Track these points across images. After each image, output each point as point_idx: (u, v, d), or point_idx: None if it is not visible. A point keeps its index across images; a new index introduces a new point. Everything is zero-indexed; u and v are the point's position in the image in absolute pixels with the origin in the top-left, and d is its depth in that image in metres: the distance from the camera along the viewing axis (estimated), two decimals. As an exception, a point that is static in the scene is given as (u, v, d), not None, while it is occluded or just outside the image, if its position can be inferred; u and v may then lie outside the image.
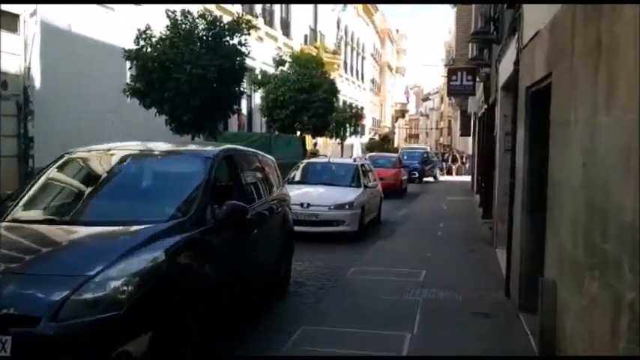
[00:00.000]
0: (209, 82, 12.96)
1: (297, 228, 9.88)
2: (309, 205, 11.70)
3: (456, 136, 59.70)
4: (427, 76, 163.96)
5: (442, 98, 79.00)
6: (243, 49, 13.98)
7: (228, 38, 13.63)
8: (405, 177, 24.24)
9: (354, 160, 14.59)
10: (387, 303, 7.14)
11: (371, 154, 26.96)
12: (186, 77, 12.58)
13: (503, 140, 10.57)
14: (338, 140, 29.58)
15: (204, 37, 13.27)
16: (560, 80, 4.75)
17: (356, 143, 40.22)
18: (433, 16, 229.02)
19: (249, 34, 14.20)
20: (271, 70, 22.36)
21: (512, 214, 7.47)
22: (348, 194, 12.39)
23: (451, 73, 14.12)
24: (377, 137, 51.37)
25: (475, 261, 9.92)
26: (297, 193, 11.81)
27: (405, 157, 30.43)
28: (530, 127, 6.59)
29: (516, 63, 7.35)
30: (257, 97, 23.98)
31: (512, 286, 7.34)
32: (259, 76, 21.99)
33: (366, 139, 46.77)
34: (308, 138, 26.56)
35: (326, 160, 14.98)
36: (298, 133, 21.99)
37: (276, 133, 21.20)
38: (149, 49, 12.95)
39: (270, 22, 27.45)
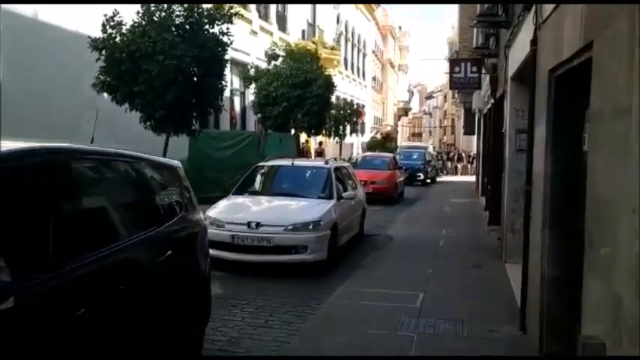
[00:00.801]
0: (185, 74, 11.54)
1: (242, 257, 8.52)
2: (258, 224, 8.65)
3: (459, 135, 58.16)
4: (430, 74, 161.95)
5: (446, 96, 77.47)
6: (225, 39, 12.56)
7: (208, 27, 12.21)
8: (402, 179, 21.57)
9: (326, 163, 11.03)
10: (376, 340, 5.70)
11: (363, 154, 24.85)
12: (158, 69, 11.16)
13: (515, 139, 9.12)
14: (336, 139, 28.07)
15: (181, 25, 11.83)
16: (611, 50, 3.29)
17: (356, 142, 38.77)
18: (437, 12, 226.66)
19: (231, 22, 12.76)
20: (264, 66, 20.91)
21: (529, 229, 6.01)
22: (313, 209, 9.23)
23: (454, 64, 12.64)
24: (379, 136, 49.88)
25: (482, 280, 8.47)
26: (245, 207, 9.68)
27: (402, 157, 28.12)
28: (555, 121, 5.13)
29: (534, 42, 5.89)
30: (251, 94, 22.54)
31: (529, 320, 5.89)
32: (252, 71, 20.55)
33: (367, 137, 45.31)
34: (305, 137, 25.24)
35: (289, 162, 11.37)
36: (292, 131, 20.51)
37: (269, 131, 19.76)
38: (118, 38, 11.52)
39: (265, 16, 26.03)
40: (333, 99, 32.15)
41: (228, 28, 12.59)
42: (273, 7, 26.92)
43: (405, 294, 7.43)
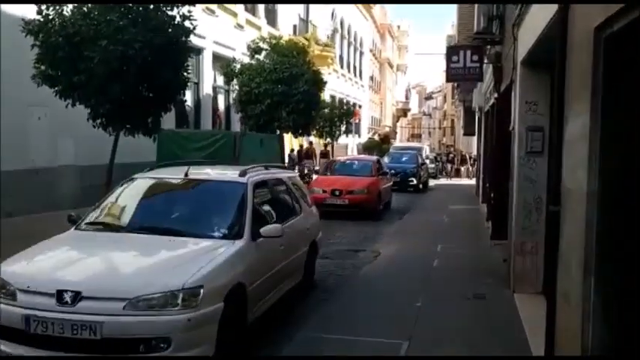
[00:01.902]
0: (136, 63, 9.67)
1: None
2: (77, 295, 4.47)
3: (459, 136, 56.26)
4: (430, 74, 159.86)
5: (445, 97, 75.61)
6: (187, 23, 10.70)
7: (165, 9, 10.35)
8: (388, 185, 17.58)
9: (243, 175, 6.34)
10: None
11: (340, 158, 21.07)
12: (100, 56, 9.30)
13: (526, 138, 7.24)
14: (328, 140, 26.19)
15: (131, 6, 9.95)
16: None
17: (352, 144, 36.90)
18: (437, 12, 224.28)
19: (192, 3, 10.95)
20: (248, 60, 19.02)
21: (557, 270, 4.11)
22: (191, 263, 4.95)
23: (451, 52, 10.71)
24: (377, 137, 47.99)
25: (486, 318, 6.60)
26: (73, 257, 5.43)
27: (392, 160, 25.28)
28: (605, 107, 3.24)
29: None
30: (234, 92, 20.64)
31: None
32: (237, 66, 18.67)
33: (365, 138, 43.44)
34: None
35: (179, 174, 6.65)
36: (279, 131, 18.59)
37: (246, 131, 17.89)
38: (57, 20, 9.66)
39: (252, 10, 24.16)
40: (327, 97, 30.44)
41: (190, 11, 10.74)
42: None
43: (384, 343, 5.55)
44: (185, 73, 11.14)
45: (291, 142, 27.67)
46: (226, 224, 5.78)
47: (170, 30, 10.30)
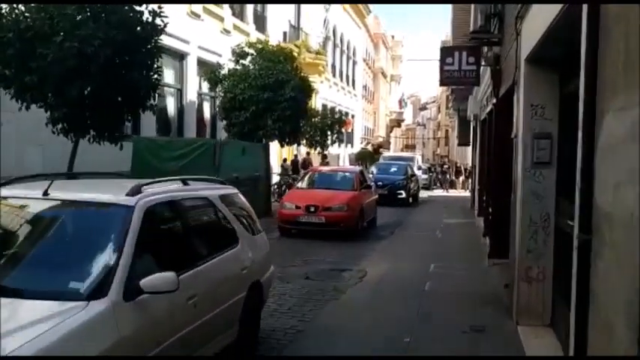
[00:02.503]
0: (98, 62, 8.65)
1: None
2: None
3: (454, 146, 55.42)
4: (424, 85, 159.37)
5: (439, 107, 74.90)
6: (158, 20, 9.72)
7: (133, 5, 9.37)
8: (372, 199, 15.50)
9: (133, 194, 4.18)
10: None
11: (320, 167, 19.22)
12: (55, 53, 8.30)
13: (531, 147, 6.25)
14: (318, 150, 25.17)
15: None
16: None
17: (343, 154, 35.91)
18: (431, 22, 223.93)
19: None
20: (232, 65, 18.03)
21: (588, 324, 3.08)
22: None
23: (446, 54, 9.70)
24: (370, 147, 47.04)
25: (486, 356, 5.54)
26: None
27: (379, 171, 23.94)
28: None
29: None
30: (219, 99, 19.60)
31: None
32: (222, 71, 17.68)
33: (358, 148, 42.47)
34: (290, 148, 22.27)
35: (36, 193, 4.25)
36: (264, 140, 17.56)
37: (233, 139, 16.88)
38: (8, 16, 8.66)
39: (240, 15, 23.19)
40: (319, 106, 29.48)
41: (160, 7, 9.75)
42: (250, 5, 24.11)
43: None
44: (156, 75, 10.16)
45: (281, 152, 26.67)
46: (84, 275, 3.62)
47: (139, 28, 9.36)
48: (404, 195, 22.13)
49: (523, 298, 6.34)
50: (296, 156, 26.64)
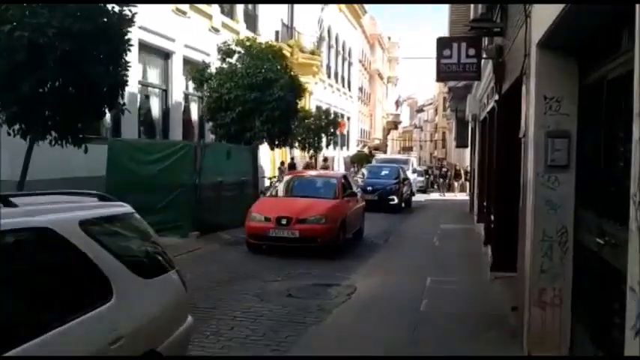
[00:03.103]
0: (54, 55, 7.67)
1: None
2: None
3: (451, 149, 54.46)
4: (421, 86, 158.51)
5: (436, 109, 74.02)
6: (126, 11, 8.77)
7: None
8: (358, 207, 13.29)
9: None
10: None
11: (298, 172, 18.08)
12: (3, 44, 7.34)
13: (545, 148, 5.25)
14: (311, 152, 24.20)
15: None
16: None
17: (338, 156, 34.89)
18: (429, 18, 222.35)
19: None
20: (218, 64, 17.04)
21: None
22: None
23: (443, 45, 8.69)
24: (366, 149, 46.08)
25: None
26: None
27: (369, 175, 22.17)
28: None
29: None
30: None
31: None
32: (210, 70, 16.72)
33: (353, 151, 41.50)
34: (283, 150, 21.14)
35: None
36: (252, 142, 16.54)
37: (220, 141, 15.89)
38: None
39: (229, 13, 22.20)
40: (313, 108, 28.48)
41: (131, -4, 8.80)
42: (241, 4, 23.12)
43: None
44: (124, 71, 9.17)
45: (274, 156, 25.67)
46: None
47: (103, 18, 8.39)
48: (396, 201, 20.39)
49: (536, 325, 5.34)
50: (292, 159, 25.62)
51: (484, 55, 8.90)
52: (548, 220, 5.25)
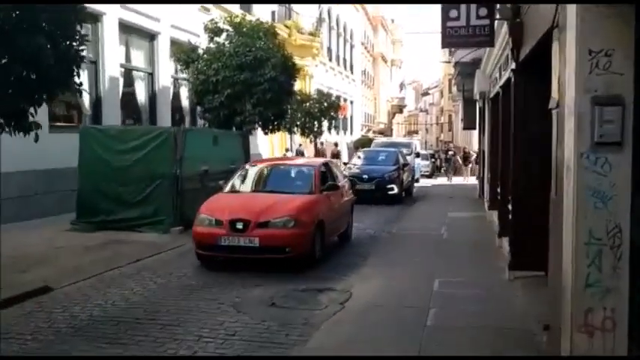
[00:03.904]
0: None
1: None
2: None
3: (457, 132, 52.84)
4: (426, 70, 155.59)
5: (442, 92, 72.26)
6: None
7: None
8: (344, 203, 10.50)
9: None
10: None
11: (267, 160, 14.92)
12: None
13: (591, 119, 3.87)
14: (311, 137, 22.82)
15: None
16: None
17: (341, 141, 33.50)
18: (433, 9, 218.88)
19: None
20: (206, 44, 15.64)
21: None
22: None
23: (449, 6, 7.28)
24: (371, 134, 44.57)
25: None
26: None
27: (364, 161, 19.18)
28: None
29: None
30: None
31: None
32: (193, 51, 15.34)
33: (358, 136, 40.05)
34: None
35: None
36: (244, 127, 15.16)
37: (208, 127, 14.55)
38: None
39: (222, -8, 20.68)
40: (313, 91, 26.97)
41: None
42: (233, -18, 21.62)
43: None
44: (74, 44, 7.79)
45: (270, 140, 24.33)
46: None
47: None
48: (396, 190, 17.47)
49: (580, 353, 4.00)
50: (300, 145, 24.23)
51: (497, 16, 7.47)
52: (596, 216, 3.89)
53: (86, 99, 14.32)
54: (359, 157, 20.30)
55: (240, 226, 8.05)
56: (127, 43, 15.96)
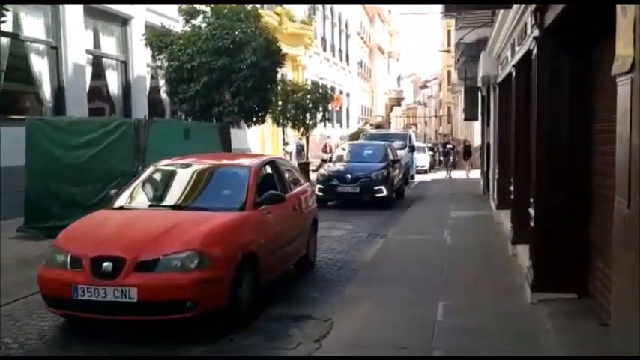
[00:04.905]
0: None
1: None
2: None
3: (457, 124, 51.23)
4: (425, 62, 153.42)
5: (440, 85, 70.70)
6: None
7: None
8: (300, 221, 7.33)
9: None
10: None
11: (166, 162, 7.23)
12: None
13: None
14: (301, 131, 21.19)
15: None
16: None
17: (334, 135, 31.93)
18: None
19: None
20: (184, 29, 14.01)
21: None
22: None
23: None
24: (368, 127, 42.90)
25: None
26: None
27: (350, 157, 16.06)
28: None
29: None
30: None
31: None
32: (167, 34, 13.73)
33: (355, 129, 38.37)
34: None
35: None
36: (224, 119, 13.50)
37: (185, 119, 12.94)
38: None
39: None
40: (307, 83, 25.24)
41: None
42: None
43: None
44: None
45: (261, 133, 22.74)
46: None
47: None
48: (385, 192, 14.32)
49: None
50: (301, 139, 22.54)
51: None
52: None
53: (47, 88, 12.77)
54: (343, 149, 17.40)
55: (107, 267, 4.85)
56: (95, 28, 14.34)
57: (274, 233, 6.25)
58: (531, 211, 6.18)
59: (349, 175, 14.43)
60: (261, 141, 23.47)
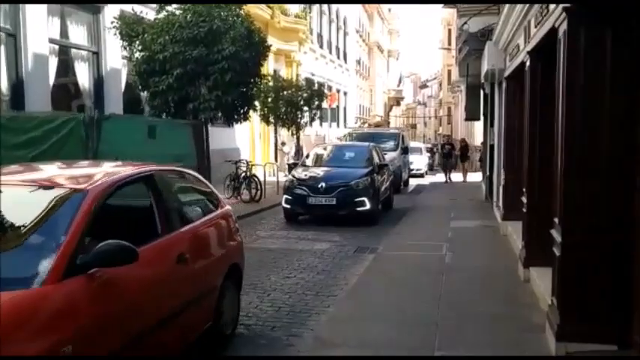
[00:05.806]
0: None
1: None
2: None
3: (457, 124, 49.80)
4: (425, 61, 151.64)
5: (441, 84, 69.27)
6: None
7: None
8: (198, 266, 4.32)
9: None
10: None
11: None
12: None
13: None
14: (292, 129, 19.74)
15: None
16: None
17: (329, 134, 30.50)
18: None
19: None
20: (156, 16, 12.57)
21: None
22: None
23: None
24: (366, 127, 41.48)
25: None
26: None
27: (328, 160, 13.31)
28: None
29: None
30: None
31: None
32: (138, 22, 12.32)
33: (351, 129, 36.94)
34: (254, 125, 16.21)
35: None
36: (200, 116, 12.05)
37: (156, 116, 11.49)
38: None
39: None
40: (301, 80, 23.78)
41: None
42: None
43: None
44: None
45: (251, 131, 21.31)
46: None
47: None
48: (367, 205, 11.57)
49: None
50: (298, 138, 21.02)
51: None
52: None
53: (3, 80, 11.36)
54: (319, 151, 14.24)
55: None
56: (61, 15, 12.91)
57: (120, 312, 3.28)
58: (556, 235, 4.74)
59: (323, 184, 11.57)
60: (251, 140, 22.07)
